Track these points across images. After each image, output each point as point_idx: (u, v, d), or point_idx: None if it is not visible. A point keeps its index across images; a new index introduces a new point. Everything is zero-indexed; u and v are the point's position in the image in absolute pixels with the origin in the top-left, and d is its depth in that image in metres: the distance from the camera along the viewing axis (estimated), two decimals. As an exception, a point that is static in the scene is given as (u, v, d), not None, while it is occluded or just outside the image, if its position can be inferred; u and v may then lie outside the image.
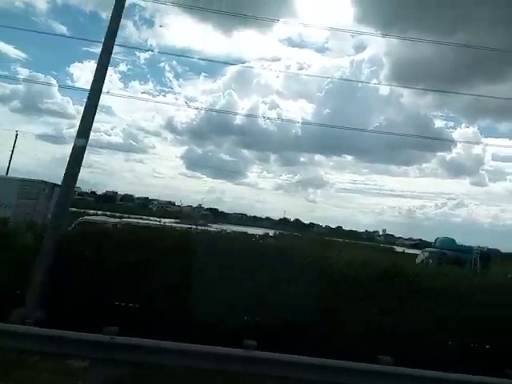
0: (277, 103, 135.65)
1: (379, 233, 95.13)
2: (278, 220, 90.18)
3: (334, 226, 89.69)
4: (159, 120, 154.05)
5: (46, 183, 16.52)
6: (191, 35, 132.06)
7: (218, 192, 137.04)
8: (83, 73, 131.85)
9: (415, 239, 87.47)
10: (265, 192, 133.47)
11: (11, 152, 42.26)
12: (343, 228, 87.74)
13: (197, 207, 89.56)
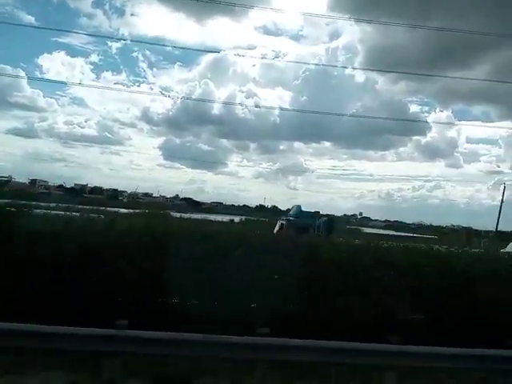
0: (254, 92, 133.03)
1: (357, 216, 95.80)
2: (255, 207, 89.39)
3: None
4: (134, 111, 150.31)
5: None
6: (164, 24, 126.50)
7: (199, 182, 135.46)
8: (53, 64, 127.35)
9: (391, 221, 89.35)
10: (245, 181, 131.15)
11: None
12: (320, 213, 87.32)
13: (172, 198, 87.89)
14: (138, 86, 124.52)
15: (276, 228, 23.18)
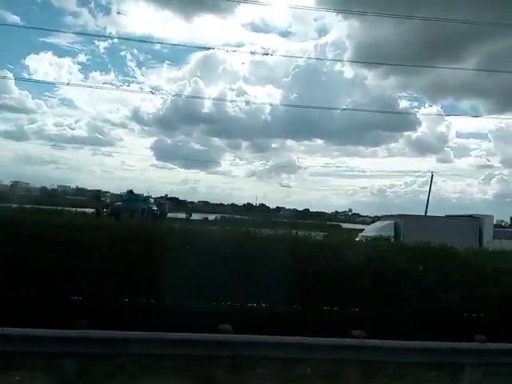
0: (244, 90, 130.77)
1: (349, 213, 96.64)
2: (242, 205, 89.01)
3: (301, 209, 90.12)
4: (124, 111, 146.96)
5: None
6: (151, 22, 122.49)
7: (192, 182, 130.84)
8: (40, 64, 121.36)
9: (380, 216, 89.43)
10: (239, 179, 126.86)
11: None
12: (310, 210, 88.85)
13: (158, 197, 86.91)
14: (128, 86, 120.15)
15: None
